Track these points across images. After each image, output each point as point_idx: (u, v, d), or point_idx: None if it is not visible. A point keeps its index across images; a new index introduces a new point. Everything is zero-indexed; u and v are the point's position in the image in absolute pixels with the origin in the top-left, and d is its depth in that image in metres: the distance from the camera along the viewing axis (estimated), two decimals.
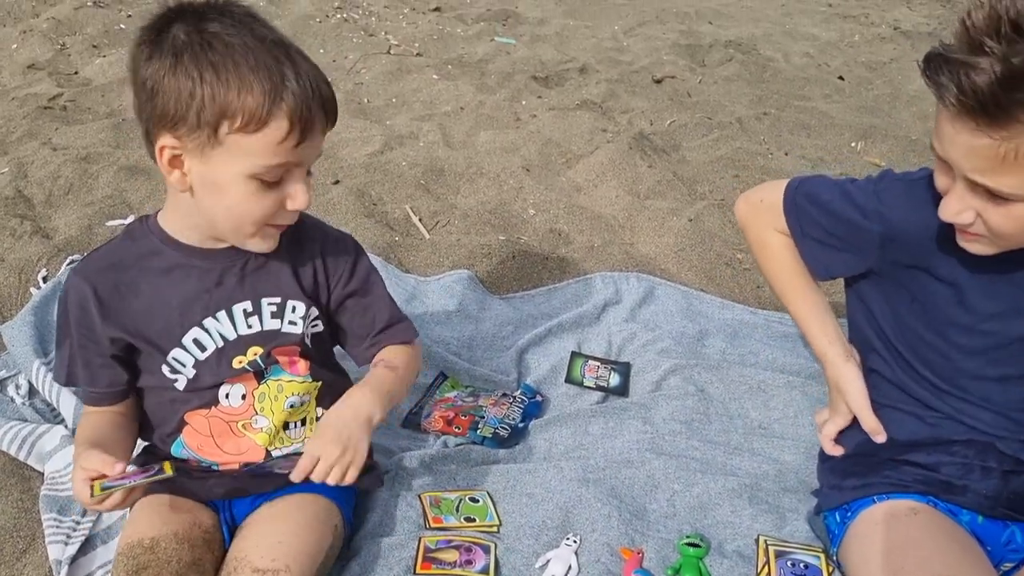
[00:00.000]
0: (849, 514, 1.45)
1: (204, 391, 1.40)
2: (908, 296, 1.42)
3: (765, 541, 1.57)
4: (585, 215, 2.84)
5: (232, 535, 1.45)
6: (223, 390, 1.41)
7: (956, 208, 1.22)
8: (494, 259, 2.52)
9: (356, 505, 1.62)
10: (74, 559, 1.50)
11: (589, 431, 1.86)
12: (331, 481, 1.33)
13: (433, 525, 1.60)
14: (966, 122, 1.12)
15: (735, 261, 2.58)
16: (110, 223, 2.64)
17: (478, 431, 1.82)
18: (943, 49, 1.14)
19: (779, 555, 1.53)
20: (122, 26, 4.65)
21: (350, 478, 1.34)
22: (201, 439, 1.43)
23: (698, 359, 2.09)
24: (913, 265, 1.39)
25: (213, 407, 1.41)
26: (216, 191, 1.25)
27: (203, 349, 1.38)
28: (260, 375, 1.42)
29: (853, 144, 3.60)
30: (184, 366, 1.38)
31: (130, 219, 2.67)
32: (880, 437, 1.47)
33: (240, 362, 1.40)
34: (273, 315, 1.41)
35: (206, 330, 1.37)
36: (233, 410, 1.42)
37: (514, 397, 1.93)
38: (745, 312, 2.34)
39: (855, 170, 3.30)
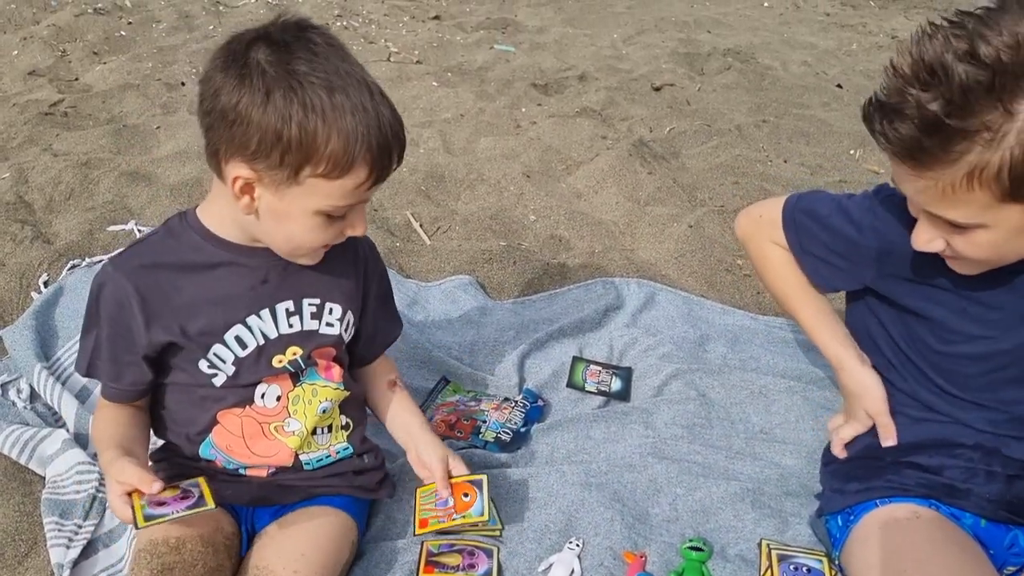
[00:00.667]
0: (851, 518, 1.45)
1: (241, 389, 1.39)
2: (913, 307, 1.42)
3: (768, 545, 1.57)
4: (586, 221, 2.85)
5: (250, 542, 1.45)
6: (259, 389, 1.40)
7: (925, 238, 1.25)
8: (495, 265, 2.53)
9: (367, 515, 1.63)
10: (76, 563, 1.50)
11: (591, 435, 1.86)
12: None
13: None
14: (902, 166, 1.16)
15: (735, 267, 2.58)
16: (111, 228, 2.65)
17: (480, 435, 1.82)
18: (877, 95, 1.17)
19: (782, 559, 1.53)
20: (122, 33, 4.67)
21: None
22: (231, 439, 1.42)
23: (699, 364, 2.09)
24: (912, 279, 1.40)
25: (248, 406, 1.41)
26: (283, 220, 1.26)
27: (244, 347, 1.37)
28: (296, 377, 1.42)
29: (852, 152, 3.62)
30: (224, 362, 1.37)
31: (131, 224, 2.67)
32: (892, 441, 1.47)
33: (280, 361, 1.40)
34: (313, 316, 1.42)
35: (249, 327, 1.37)
36: (267, 411, 1.42)
37: (516, 402, 1.93)
38: (746, 318, 2.34)
39: (854, 177, 3.31)
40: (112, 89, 3.84)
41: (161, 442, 1.51)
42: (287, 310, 1.39)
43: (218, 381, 1.38)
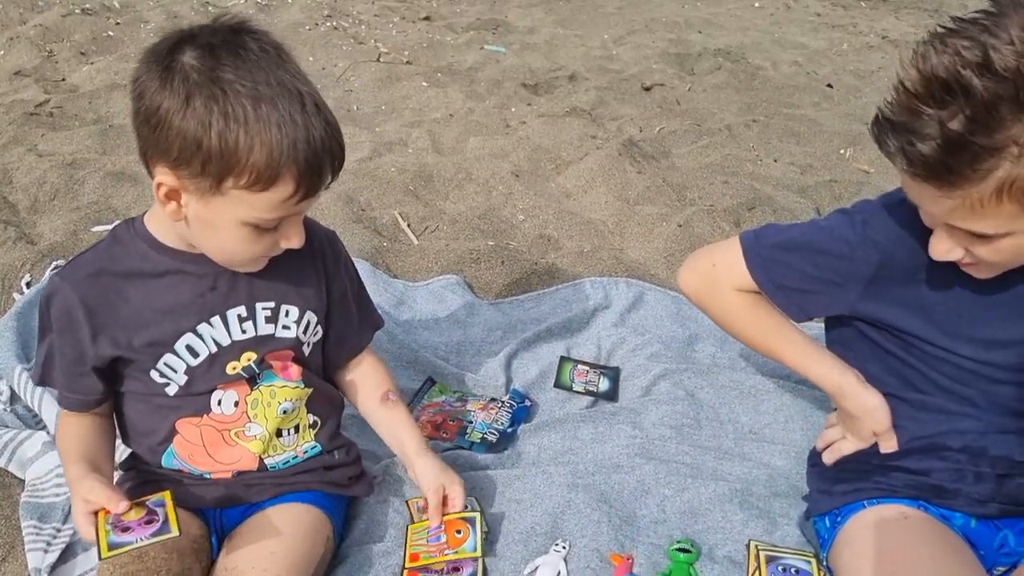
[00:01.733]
0: (839, 519, 1.44)
1: (196, 397, 1.37)
2: (903, 319, 1.38)
3: (756, 546, 1.55)
4: (574, 221, 2.83)
5: (220, 544, 1.43)
6: (215, 396, 1.38)
7: (943, 248, 1.21)
8: (483, 264, 2.51)
9: (344, 512, 1.60)
10: (54, 567, 1.47)
11: (578, 436, 1.84)
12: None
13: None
14: (925, 185, 1.12)
15: None
16: (96, 229, 2.62)
17: (466, 436, 1.80)
18: (887, 111, 1.12)
19: (770, 560, 1.51)
20: (110, 33, 4.64)
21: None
22: (192, 448, 1.40)
23: (688, 364, 2.07)
24: (910, 288, 1.36)
25: (205, 415, 1.38)
26: (211, 229, 1.23)
27: (196, 355, 1.34)
28: (253, 381, 1.40)
29: (842, 151, 3.61)
30: (176, 372, 1.34)
31: (116, 224, 2.65)
32: (893, 448, 1.42)
33: (234, 368, 1.37)
34: (267, 320, 1.38)
35: (199, 336, 1.34)
36: (226, 418, 1.40)
37: (503, 402, 1.91)
38: None
39: (844, 176, 3.30)
40: (99, 89, 3.82)
41: (129, 450, 1.49)
42: (239, 316, 1.36)
43: (171, 390, 1.36)
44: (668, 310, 2.31)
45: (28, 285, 2.32)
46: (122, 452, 1.73)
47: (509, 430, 1.84)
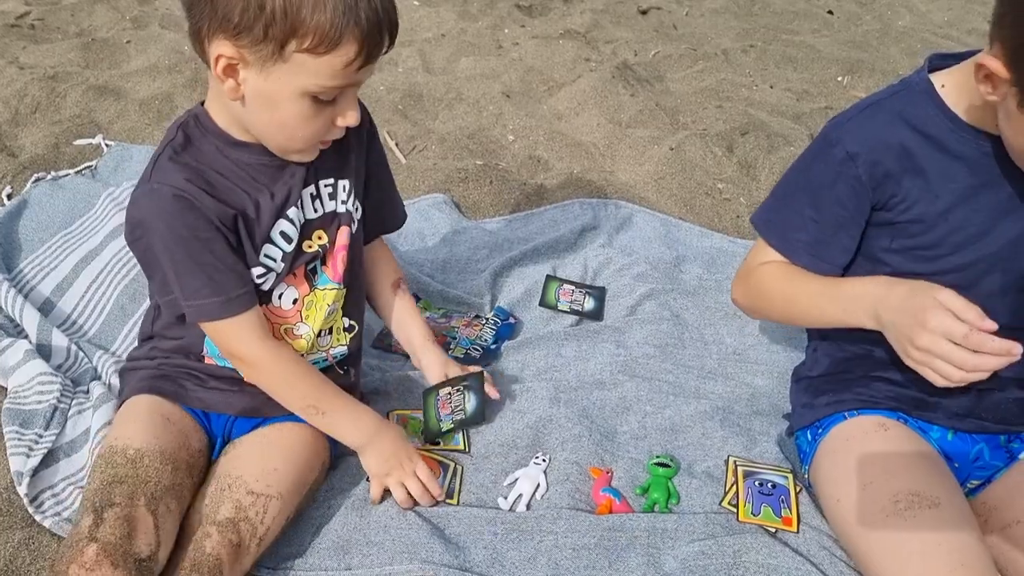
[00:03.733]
0: (820, 431, 1.45)
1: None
2: (895, 226, 1.33)
3: (734, 462, 1.56)
4: (565, 142, 2.80)
5: (221, 449, 1.44)
6: (279, 290, 1.39)
7: None
8: (471, 184, 2.48)
9: None
10: (36, 471, 1.48)
11: (562, 353, 1.84)
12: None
13: None
14: None
15: (715, 191, 2.55)
16: (77, 142, 2.59)
17: (450, 352, 1.80)
18: None
19: (747, 475, 1.53)
20: None
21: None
22: None
23: (674, 285, 2.07)
24: (898, 183, 1.29)
25: (265, 305, 1.39)
26: (270, 106, 1.22)
27: (289, 240, 1.36)
28: (311, 279, 1.42)
29: (839, 78, 3.55)
30: (275, 260, 1.35)
31: (98, 138, 2.61)
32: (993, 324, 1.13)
33: (310, 247, 1.40)
34: (330, 196, 1.42)
35: (290, 220, 1.35)
36: (282, 312, 1.41)
37: (487, 319, 1.91)
38: (724, 241, 2.32)
39: (839, 104, 3.25)
40: (81, 2, 3.72)
41: (152, 322, 1.48)
42: (311, 195, 1.39)
43: (267, 284, 1.36)
44: (656, 232, 2.29)
45: (9, 197, 2.29)
46: (130, 344, 1.76)
47: (492, 347, 1.84)
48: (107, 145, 2.59)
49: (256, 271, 1.34)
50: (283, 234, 1.35)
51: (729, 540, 1.39)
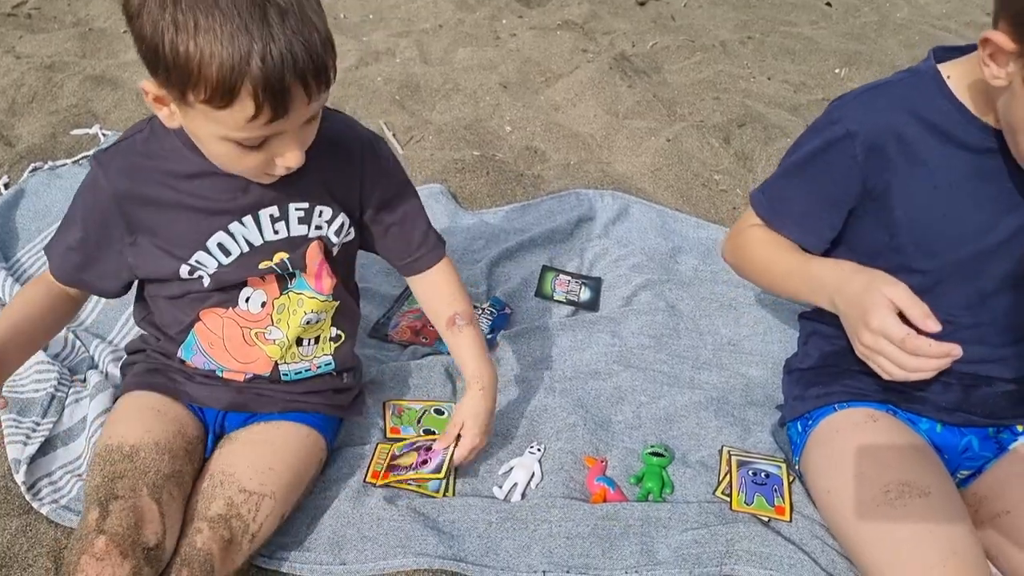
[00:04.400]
0: (810, 423, 1.45)
1: (227, 289, 1.35)
2: (889, 216, 1.33)
3: (728, 451, 1.57)
4: (562, 133, 2.80)
5: (215, 444, 1.43)
6: (244, 293, 1.36)
7: None
8: (468, 175, 2.48)
9: (337, 431, 1.60)
10: (33, 459, 1.49)
11: (557, 343, 1.85)
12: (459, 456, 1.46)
13: (391, 435, 1.59)
14: None
15: (712, 182, 2.55)
16: (75, 132, 2.58)
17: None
18: None
19: (741, 464, 1.54)
20: None
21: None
22: (212, 337, 1.39)
23: (670, 275, 2.07)
24: (890, 169, 1.30)
25: (231, 308, 1.36)
26: (199, 141, 1.18)
27: (227, 254, 1.30)
28: (284, 284, 1.37)
29: (837, 70, 3.55)
30: (206, 267, 1.31)
31: (95, 128, 2.61)
32: (936, 325, 1.16)
33: (266, 264, 1.33)
34: (300, 220, 1.33)
35: (231, 234, 1.30)
36: (250, 316, 1.38)
37: (482, 309, 1.91)
38: (720, 232, 2.32)
39: (836, 96, 3.25)
40: None
41: (137, 333, 1.49)
42: (271, 216, 1.31)
43: (205, 281, 1.32)
44: (652, 223, 2.29)
45: (6, 186, 2.29)
46: (127, 333, 1.74)
47: (488, 336, 1.84)
48: (104, 135, 2.59)
49: (184, 268, 1.30)
50: (220, 246, 1.30)
51: (722, 529, 1.40)
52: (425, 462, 1.48)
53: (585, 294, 2.01)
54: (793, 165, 1.41)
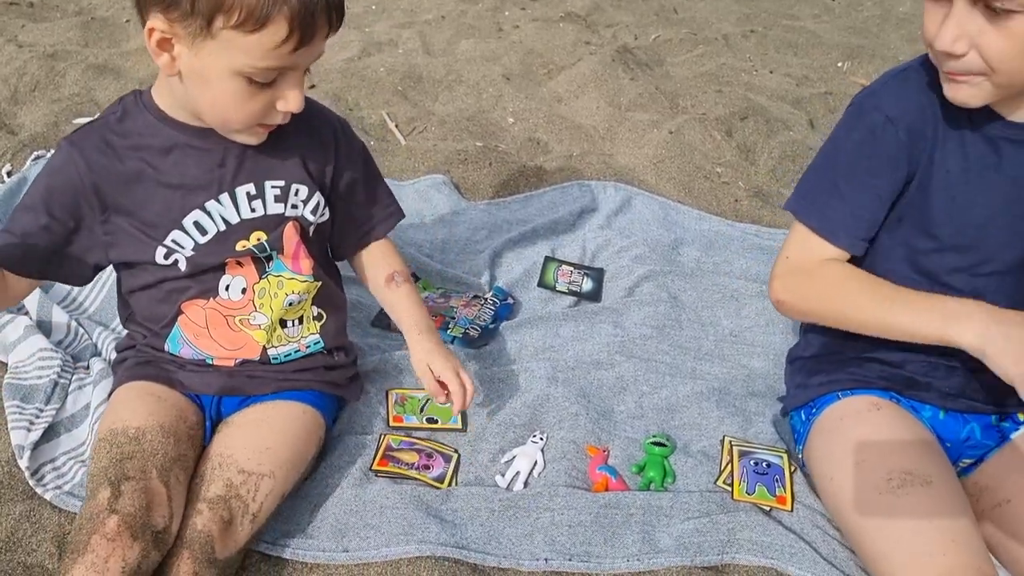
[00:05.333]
0: (814, 411, 1.46)
1: (204, 278, 1.35)
2: (906, 200, 1.33)
3: (730, 441, 1.58)
4: (565, 125, 2.80)
5: (214, 430, 1.43)
6: (223, 281, 1.36)
7: (951, 35, 1.12)
8: (470, 166, 2.48)
9: (336, 411, 1.61)
10: (37, 445, 1.49)
11: (560, 333, 1.85)
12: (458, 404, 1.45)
13: (393, 424, 1.60)
14: None
15: (714, 174, 2.55)
16: (77, 120, 2.58)
17: (448, 331, 1.81)
18: None
19: (742, 454, 1.54)
20: None
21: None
22: (197, 329, 1.40)
23: (672, 267, 2.07)
24: (922, 154, 1.29)
25: (212, 298, 1.37)
26: (202, 83, 1.17)
27: (204, 233, 1.31)
28: (262, 268, 1.38)
29: (839, 64, 3.55)
30: (183, 248, 1.31)
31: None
32: None
33: (243, 246, 1.34)
34: (277, 199, 1.35)
35: (207, 212, 1.31)
36: (232, 304, 1.38)
37: (485, 299, 1.91)
38: (722, 224, 2.32)
39: (839, 89, 3.25)
40: None
41: (126, 332, 1.49)
42: (248, 193, 1.32)
43: (181, 265, 1.32)
44: (655, 214, 2.29)
45: (9, 174, 2.29)
46: (119, 333, 1.74)
47: (491, 326, 1.85)
48: None
49: (160, 251, 1.31)
50: (197, 224, 1.31)
51: (724, 518, 1.41)
52: (427, 467, 1.50)
53: (587, 285, 2.01)
54: (830, 168, 1.35)
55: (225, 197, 1.31)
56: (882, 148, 1.29)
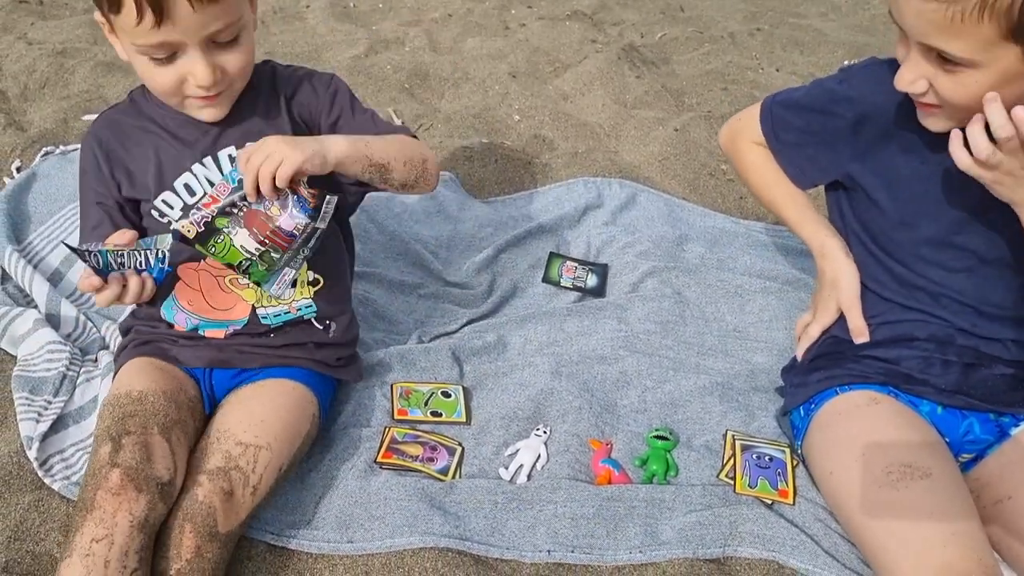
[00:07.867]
0: (813, 407, 1.47)
1: None
2: (880, 188, 1.41)
3: (732, 436, 1.59)
4: (570, 122, 2.80)
5: (212, 405, 1.48)
6: None
7: (909, 77, 1.22)
8: (476, 162, 2.50)
9: (332, 397, 1.62)
10: (45, 436, 1.51)
11: (564, 329, 1.86)
12: (264, 174, 1.26)
13: (398, 417, 1.61)
14: None
15: (719, 172, 2.56)
16: (86, 117, 2.60)
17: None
18: None
19: (745, 448, 1.55)
20: None
21: (279, 177, 1.26)
22: (191, 294, 1.46)
23: (676, 263, 2.08)
24: (883, 148, 1.39)
25: (203, 259, 1.43)
26: (132, 63, 1.30)
27: (192, 194, 1.42)
28: None
29: (846, 62, 3.54)
30: (172, 208, 1.42)
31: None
32: (862, 338, 1.45)
33: None
34: None
35: (195, 175, 1.41)
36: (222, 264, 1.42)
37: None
38: (727, 221, 2.33)
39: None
40: None
41: (128, 310, 1.54)
42: (230, 156, 1.42)
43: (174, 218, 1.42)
44: (660, 211, 2.30)
45: (18, 170, 2.31)
46: (121, 312, 1.76)
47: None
48: None
49: (153, 212, 1.43)
50: (186, 186, 1.42)
51: (726, 511, 1.42)
52: (432, 459, 1.52)
53: (592, 280, 2.02)
54: (803, 102, 1.51)
55: (209, 160, 1.42)
56: (836, 114, 1.44)
